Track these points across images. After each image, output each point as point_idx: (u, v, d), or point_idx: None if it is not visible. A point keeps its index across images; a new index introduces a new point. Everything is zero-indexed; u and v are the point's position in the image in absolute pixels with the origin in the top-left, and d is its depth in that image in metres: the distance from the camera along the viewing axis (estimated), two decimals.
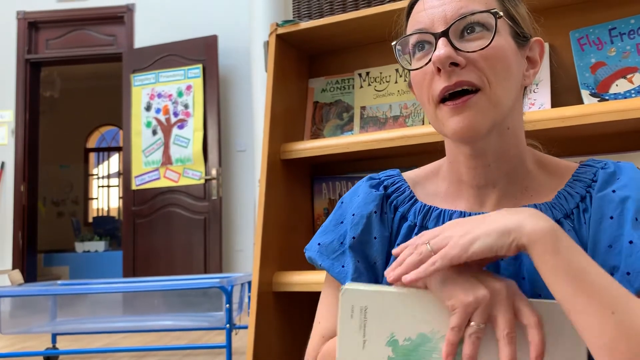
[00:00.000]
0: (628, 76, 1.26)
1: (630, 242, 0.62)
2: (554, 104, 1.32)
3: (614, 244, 0.63)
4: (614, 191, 0.66)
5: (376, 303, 0.60)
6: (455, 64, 0.65)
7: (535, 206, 0.69)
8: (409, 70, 0.71)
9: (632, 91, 1.25)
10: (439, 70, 0.65)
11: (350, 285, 0.61)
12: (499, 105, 0.66)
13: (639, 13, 1.27)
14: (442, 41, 0.65)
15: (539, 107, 1.31)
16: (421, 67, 0.68)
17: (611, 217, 0.65)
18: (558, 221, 0.67)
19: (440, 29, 0.67)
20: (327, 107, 1.63)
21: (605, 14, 1.32)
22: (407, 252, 0.62)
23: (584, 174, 0.71)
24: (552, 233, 0.56)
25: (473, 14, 0.66)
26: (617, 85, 1.27)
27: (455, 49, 0.65)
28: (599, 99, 1.28)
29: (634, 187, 0.65)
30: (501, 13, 0.67)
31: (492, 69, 0.65)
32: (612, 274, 0.62)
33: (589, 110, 1.16)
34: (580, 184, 0.70)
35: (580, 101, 1.30)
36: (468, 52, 0.65)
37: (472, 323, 0.57)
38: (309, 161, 1.57)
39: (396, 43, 0.72)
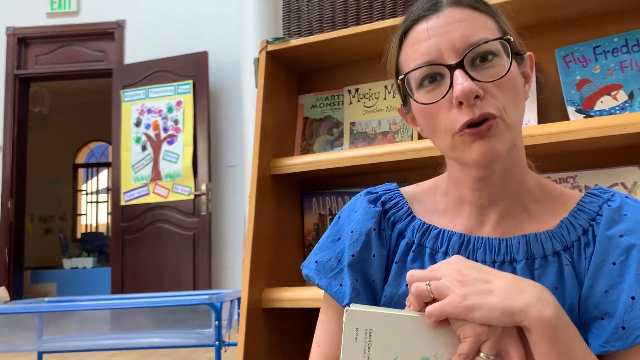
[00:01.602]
0: (612, 93, 1.28)
1: (632, 297, 0.61)
2: (541, 120, 1.34)
3: (611, 290, 0.63)
4: (621, 236, 0.65)
5: (381, 326, 0.60)
6: (476, 96, 0.64)
7: (536, 236, 0.69)
8: (425, 104, 0.68)
9: (617, 108, 1.27)
10: (460, 103, 0.64)
11: (355, 307, 0.61)
12: (514, 129, 0.67)
13: (622, 32, 1.29)
14: (460, 74, 0.64)
15: (526, 123, 1.33)
16: (438, 101, 0.66)
17: (614, 263, 0.64)
18: (557, 253, 0.68)
19: (451, 59, 0.65)
20: (317, 122, 1.64)
21: (589, 33, 1.35)
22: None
23: (589, 205, 0.70)
24: (554, 323, 0.57)
25: (486, 42, 0.65)
26: (602, 102, 1.29)
27: (473, 79, 0.64)
28: (584, 115, 1.30)
29: None
30: (511, 37, 0.67)
31: (507, 96, 0.65)
32: (602, 319, 0.63)
33: (575, 126, 1.18)
34: (584, 216, 0.69)
35: (566, 117, 1.32)
36: (486, 81, 0.65)
37: (481, 354, 0.57)
38: (299, 176, 1.57)
39: (404, 77, 0.70)
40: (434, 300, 0.59)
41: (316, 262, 0.78)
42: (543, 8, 1.30)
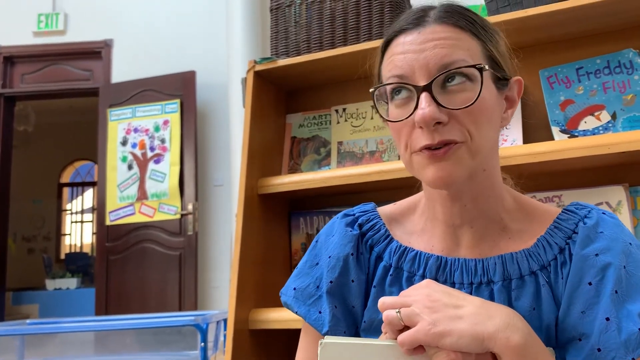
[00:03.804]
0: (595, 113, 1.30)
1: (607, 318, 0.61)
2: (526, 140, 1.36)
3: (588, 311, 0.63)
4: (597, 255, 0.65)
5: (357, 357, 0.59)
6: (439, 122, 0.63)
7: (512, 256, 0.68)
8: (388, 121, 0.69)
9: (600, 128, 1.29)
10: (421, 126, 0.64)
11: (329, 339, 0.60)
12: (478, 154, 0.66)
13: (604, 53, 1.32)
14: (425, 97, 0.63)
15: (511, 143, 1.35)
16: (402, 120, 0.66)
17: (590, 283, 0.64)
18: (533, 273, 0.67)
19: (421, 80, 0.65)
20: (304, 142, 1.65)
21: (573, 54, 1.37)
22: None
23: (565, 222, 0.69)
24: (522, 349, 0.57)
25: (458, 68, 0.64)
26: (585, 122, 1.31)
27: (439, 104, 0.63)
28: (568, 135, 1.31)
29: (616, 251, 0.64)
30: (486, 66, 0.66)
31: (475, 122, 0.64)
32: (579, 340, 0.63)
33: (560, 146, 1.19)
34: (561, 234, 0.69)
35: (551, 137, 1.33)
36: (452, 109, 0.64)
37: None
38: (286, 196, 1.57)
39: (374, 90, 0.70)
40: (406, 327, 0.59)
41: (294, 289, 0.77)
42: (527, 30, 1.32)
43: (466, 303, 0.60)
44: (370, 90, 0.71)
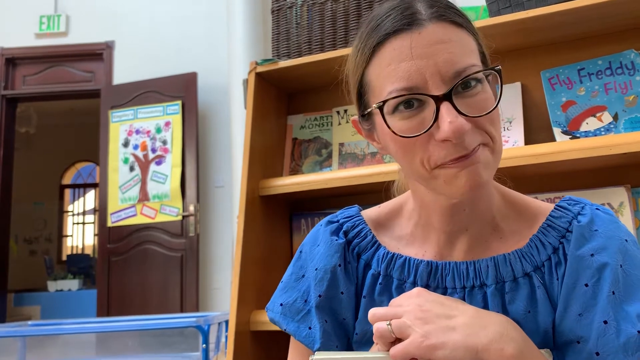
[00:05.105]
0: (597, 115, 1.30)
1: (605, 322, 0.60)
2: (527, 142, 1.35)
3: (585, 313, 0.61)
4: (592, 255, 0.63)
5: None
6: None
7: (504, 257, 0.66)
8: (405, 137, 0.61)
9: (602, 129, 1.28)
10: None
11: (320, 354, 0.59)
12: (499, 155, 0.63)
13: (606, 54, 1.32)
14: (448, 109, 0.58)
15: (512, 145, 1.34)
16: (420, 134, 0.60)
17: (586, 285, 0.62)
18: (527, 274, 0.65)
19: (436, 89, 0.59)
20: (305, 143, 1.65)
21: (574, 55, 1.37)
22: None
23: (558, 220, 0.67)
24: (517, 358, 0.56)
25: (474, 73, 0.60)
26: (587, 123, 1.30)
27: (460, 113, 0.58)
28: (570, 136, 1.31)
29: (612, 250, 0.63)
30: (499, 66, 0.62)
31: (492, 124, 0.61)
32: (577, 343, 0.61)
33: (562, 147, 1.19)
34: (554, 233, 0.66)
35: (552, 139, 1.33)
36: (474, 116, 0.59)
37: None
38: (287, 197, 1.57)
39: (383, 105, 0.61)
40: (398, 339, 0.58)
41: (281, 304, 0.74)
42: (528, 31, 1.32)
43: (458, 313, 0.58)
44: (376, 105, 0.62)
